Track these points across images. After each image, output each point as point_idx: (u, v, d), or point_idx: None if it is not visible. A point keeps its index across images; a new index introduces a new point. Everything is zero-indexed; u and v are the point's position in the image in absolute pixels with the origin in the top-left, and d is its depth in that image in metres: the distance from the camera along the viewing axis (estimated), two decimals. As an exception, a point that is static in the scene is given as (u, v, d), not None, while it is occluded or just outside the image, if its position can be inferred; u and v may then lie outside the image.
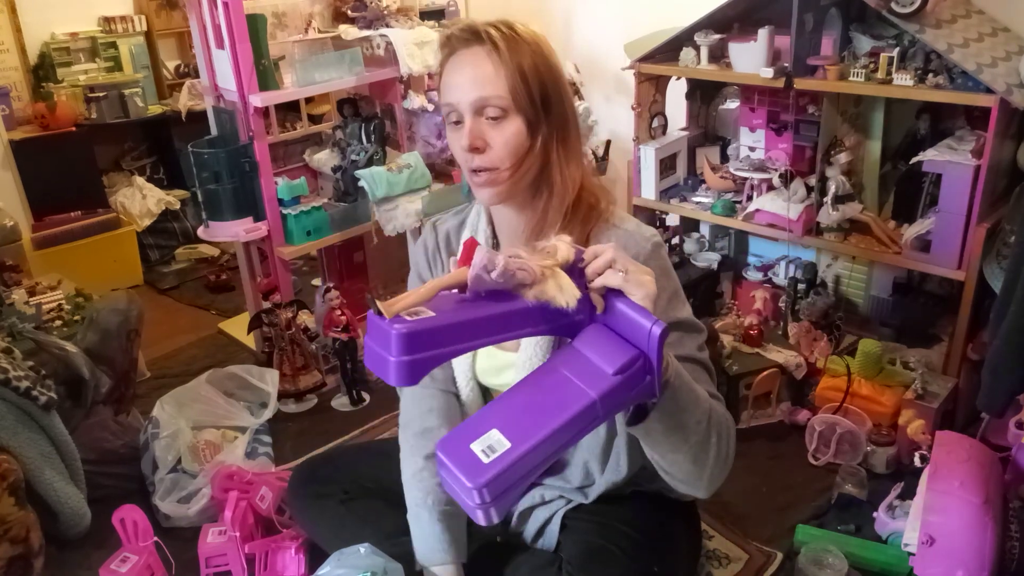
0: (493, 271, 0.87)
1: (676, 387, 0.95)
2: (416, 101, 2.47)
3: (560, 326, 0.92)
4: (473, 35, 1.10)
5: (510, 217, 1.22)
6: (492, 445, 0.84)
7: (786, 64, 2.08)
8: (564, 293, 0.88)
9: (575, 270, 0.92)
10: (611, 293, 0.91)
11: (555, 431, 0.83)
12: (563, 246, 0.92)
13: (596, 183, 1.22)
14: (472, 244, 0.92)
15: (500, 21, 1.12)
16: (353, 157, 2.37)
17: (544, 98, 1.11)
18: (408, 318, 0.84)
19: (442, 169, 2.59)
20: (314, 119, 2.92)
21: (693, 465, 1.03)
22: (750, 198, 2.33)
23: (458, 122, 1.12)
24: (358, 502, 1.43)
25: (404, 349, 0.82)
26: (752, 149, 2.40)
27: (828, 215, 2.14)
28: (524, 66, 1.09)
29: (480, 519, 0.84)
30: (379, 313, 0.84)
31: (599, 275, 0.91)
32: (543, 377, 0.92)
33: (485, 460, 0.82)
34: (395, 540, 1.33)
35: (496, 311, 0.88)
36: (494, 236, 1.28)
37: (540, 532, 1.33)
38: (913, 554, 1.47)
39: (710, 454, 1.03)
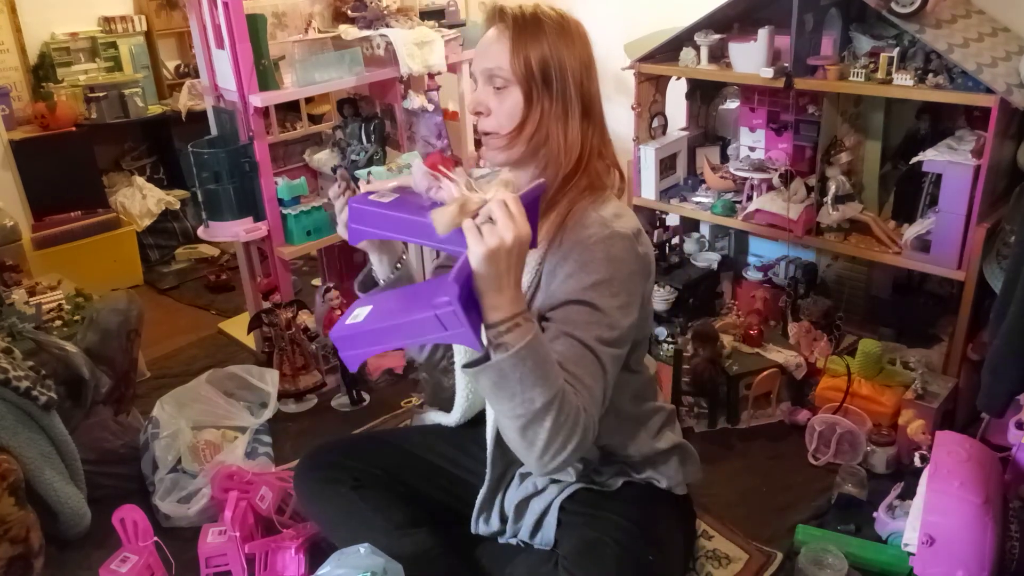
0: (414, 182, 1.05)
1: (517, 355, 0.99)
2: (416, 101, 2.47)
3: (455, 251, 1.01)
4: (497, 14, 1.23)
5: (515, 176, 1.31)
6: (359, 316, 1.08)
7: (786, 64, 2.08)
8: (435, 220, 0.97)
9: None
10: None
11: (384, 328, 1.05)
12: (492, 187, 0.99)
13: (608, 171, 1.28)
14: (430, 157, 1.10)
15: (528, 5, 1.24)
16: (353, 157, 2.37)
17: (545, 76, 1.20)
18: (371, 199, 1.11)
19: (442, 169, 2.59)
20: (314, 119, 2.92)
21: (519, 436, 1.06)
22: (750, 198, 2.33)
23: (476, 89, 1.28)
24: (369, 490, 1.43)
25: (348, 217, 1.15)
26: (752, 149, 2.40)
27: (828, 215, 2.14)
28: (530, 45, 1.19)
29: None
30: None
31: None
32: (424, 285, 1.22)
33: (346, 321, 1.09)
34: (405, 531, 1.35)
35: (415, 217, 1.05)
36: None
37: (537, 526, 1.33)
38: (913, 554, 1.47)
39: (540, 435, 1.05)
